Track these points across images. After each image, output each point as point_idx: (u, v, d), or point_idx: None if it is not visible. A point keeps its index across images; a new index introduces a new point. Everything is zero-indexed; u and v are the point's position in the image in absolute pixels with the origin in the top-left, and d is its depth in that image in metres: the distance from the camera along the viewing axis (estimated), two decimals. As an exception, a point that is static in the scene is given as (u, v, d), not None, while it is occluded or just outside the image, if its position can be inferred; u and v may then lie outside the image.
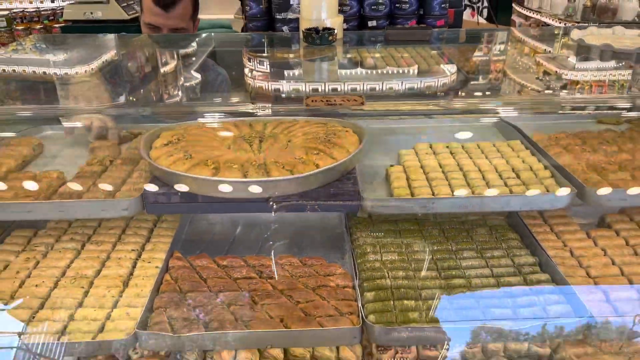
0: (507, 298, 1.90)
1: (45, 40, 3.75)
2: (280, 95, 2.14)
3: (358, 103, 1.68)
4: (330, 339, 1.77)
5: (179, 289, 1.96)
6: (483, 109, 2.25)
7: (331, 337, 1.76)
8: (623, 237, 2.23)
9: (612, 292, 1.90)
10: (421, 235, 2.30)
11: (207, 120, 2.17)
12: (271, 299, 1.90)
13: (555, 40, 3.07)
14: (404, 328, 1.75)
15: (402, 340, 1.76)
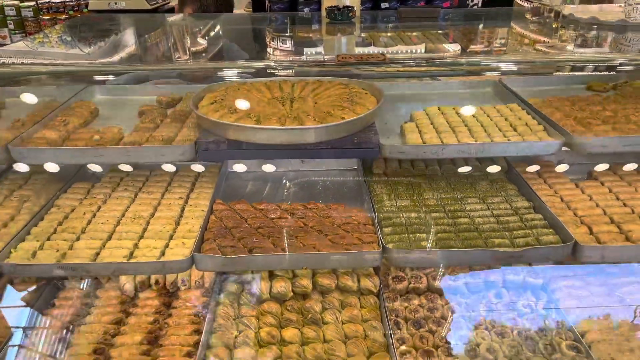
0: (506, 231, 2.22)
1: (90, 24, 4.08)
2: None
3: (381, 59, 2.00)
4: (356, 261, 2.09)
5: (224, 225, 2.29)
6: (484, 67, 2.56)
7: (357, 260, 2.08)
8: (607, 187, 2.56)
9: (594, 225, 2.22)
10: (430, 187, 2.63)
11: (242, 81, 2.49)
12: (303, 232, 2.23)
13: (549, 17, 3.37)
14: (418, 250, 2.07)
15: (416, 261, 2.08)
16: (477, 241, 2.15)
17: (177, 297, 2.43)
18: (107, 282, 2.52)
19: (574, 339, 2.13)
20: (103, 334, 2.20)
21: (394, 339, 2.16)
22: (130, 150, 2.15)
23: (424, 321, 2.24)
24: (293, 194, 2.72)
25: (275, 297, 2.38)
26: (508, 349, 2.09)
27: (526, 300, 2.33)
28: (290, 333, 2.19)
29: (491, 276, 2.42)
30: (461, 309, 2.32)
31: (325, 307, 2.34)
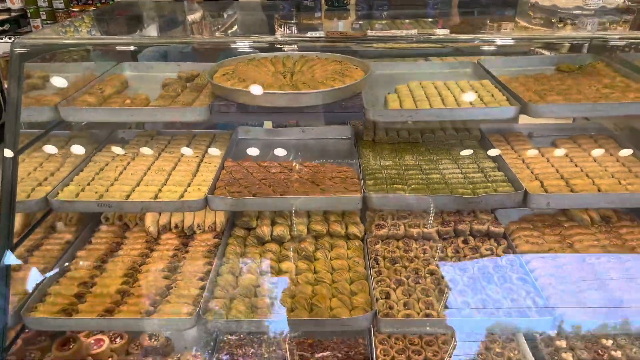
0: (469, 184, 2.62)
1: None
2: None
3: (362, 35, 2.43)
4: (340, 203, 2.51)
5: (233, 177, 2.73)
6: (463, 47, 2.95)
7: (342, 202, 2.51)
8: (565, 152, 2.94)
9: (546, 180, 2.61)
10: (411, 151, 3.04)
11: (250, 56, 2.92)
12: (299, 183, 2.66)
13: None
14: (393, 195, 2.48)
15: (390, 203, 2.50)
16: (444, 191, 2.56)
17: (193, 238, 2.88)
18: (135, 227, 2.98)
19: (524, 272, 2.53)
20: (132, 263, 2.65)
21: (372, 271, 2.58)
22: (157, 110, 2.60)
23: (399, 259, 2.66)
24: (293, 157, 3.14)
25: (275, 240, 2.82)
26: (468, 280, 2.49)
27: (488, 245, 2.73)
28: (286, 265, 2.62)
29: (459, 225, 2.82)
30: (432, 251, 2.73)
31: (317, 248, 2.77)
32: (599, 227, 2.87)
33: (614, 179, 2.61)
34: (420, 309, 2.34)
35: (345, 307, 2.35)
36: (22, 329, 2.47)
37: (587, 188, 2.52)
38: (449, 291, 2.43)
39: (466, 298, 2.38)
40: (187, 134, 3.29)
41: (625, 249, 2.67)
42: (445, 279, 2.50)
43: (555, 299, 2.35)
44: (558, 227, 2.88)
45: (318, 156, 3.08)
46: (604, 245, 2.69)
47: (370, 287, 2.47)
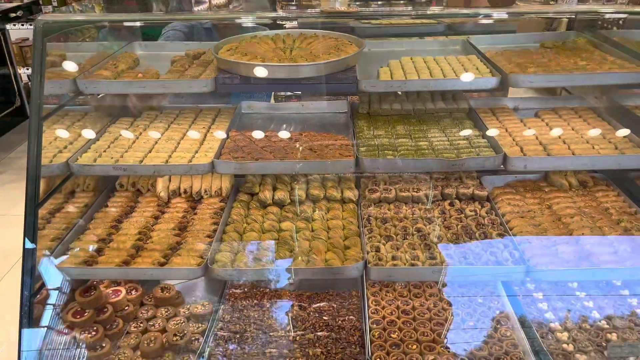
0: (454, 149, 2.85)
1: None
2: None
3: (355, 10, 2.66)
4: (336, 166, 2.74)
5: (237, 145, 2.97)
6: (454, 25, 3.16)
7: (337, 166, 2.73)
8: (546, 122, 3.15)
9: (525, 146, 2.82)
10: (403, 122, 3.26)
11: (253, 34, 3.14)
12: (296, 150, 2.89)
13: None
14: (382, 159, 2.71)
15: (380, 167, 2.72)
16: (430, 155, 2.78)
17: (200, 202, 3.12)
18: (147, 192, 3.23)
19: (503, 230, 2.75)
20: (145, 223, 2.90)
21: (365, 229, 2.81)
22: (166, 82, 2.84)
23: (390, 219, 2.89)
24: (293, 129, 3.36)
25: (276, 203, 3.05)
26: (451, 236, 2.72)
27: (473, 207, 2.95)
28: (286, 224, 2.86)
29: (446, 189, 3.04)
30: (421, 212, 2.96)
31: (314, 210, 3.00)
32: (577, 191, 3.08)
33: (589, 144, 2.82)
34: (407, 259, 2.57)
35: (339, 258, 2.58)
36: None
37: (563, 152, 2.74)
38: (434, 246, 2.66)
39: (449, 251, 2.61)
40: (195, 109, 3.52)
41: (599, 210, 2.88)
42: (431, 236, 2.73)
43: (530, 252, 2.58)
44: (539, 191, 3.10)
45: (316, 128, 3.30)
46: (579, 207, 2.91)
47: (362, 242, 2.70)
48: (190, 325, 2.62)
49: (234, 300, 2.82)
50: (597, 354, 2.38)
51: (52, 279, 2.66)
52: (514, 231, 2.73)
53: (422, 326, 2.58)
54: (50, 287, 2.65)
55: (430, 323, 2.59)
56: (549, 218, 2.83)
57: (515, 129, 3.05)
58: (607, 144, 2.81)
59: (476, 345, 2.45)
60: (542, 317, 2.62)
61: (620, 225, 2.75)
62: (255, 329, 2.61)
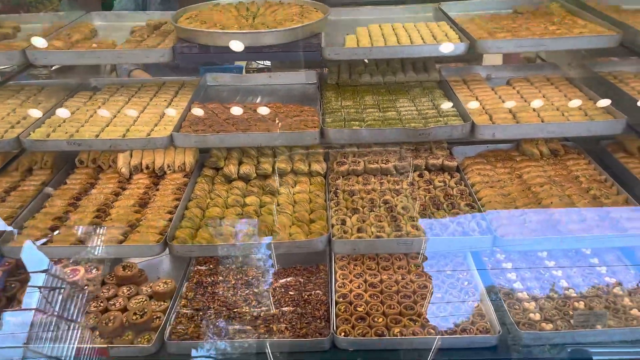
0: (422, 119, 2.77)
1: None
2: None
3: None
4: (300, 138, 2.65)
5: (198, 117, 2.86)
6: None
7: (301, 137, 2.64)
8: (517, 90, 3.08)
9: (494, 114, 2.76)
10: (372, 93, 3.17)
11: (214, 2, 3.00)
12: (261, 121, 2.79)
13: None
14: (348, 129, 2.63)
15: (346, 137, 2.64)
16: (397, 125, 2.70)
17: (164, 178, 3.02)
18: (108, 169, 3.12)
19: (472, 200, 2.70)
20: (104, 200, 2.80)
21: (331, 202, 2.74)
22: (122, 52, 2.71)
23: (358, 192, 2.82)
24: (260, 101, 3.25)
25: (242, 178, 2.97)
26: (419, 207, 2.66)
27: (442, 177, 2.89)
28: (251, 199, 2.78)
29: (417, 160, 2.98)
30: (389, 184, 2.89)
31: (281, 184, 2.92)
32: (548, 160, 3.04)
33: (558, 111, 2.76)
34: (372, 232, 2.51)
35: (304, 233, 2.52)
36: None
37: (532, 120, 2.68)
38: (401, 217, 2.60)
39: (415, 223, 2.55)
40: (157, 82, 3.39)
41: (569, 178, 2.84)
42: (398, 208, 2.67)
43: (498, 222, 2.53)
44: (510, 161, 3.05)
45: (283, 99, 3.20)
46: (549, 176, 2.87)
47: (327, 216, 2.63)
48: (153, 303, 2.55)
49: (199, 277, 2.75)
50: (564, 322, 2.36)
51: (8, 262, 2.57)
52: (483, 201, 2.68)
53: (389, 299, 2.53)
54: (6, 270, 2.55)
55: (398, 296, 2.54)
56: (519, 187, 2.79)
57: (486, 98, 2.97)
58: (577, 111, 2.75)
59: (443, 317, 2.41)
60: (510, 287, 2.59)
61: (589, 193, 2.71)
62: (219, 305, 2.54)
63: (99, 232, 2.56)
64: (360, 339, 2.30)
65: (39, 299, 2.42)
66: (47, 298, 2.41)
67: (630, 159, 3.00)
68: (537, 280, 2.64)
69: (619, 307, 2.42)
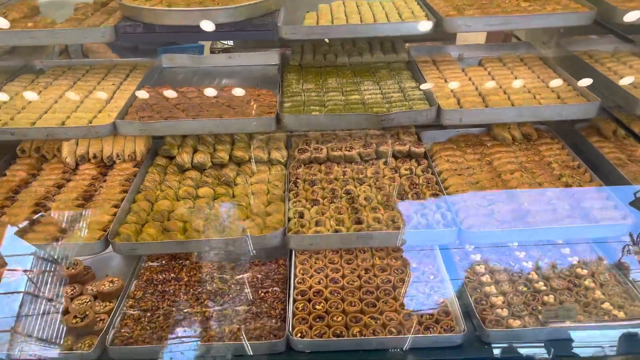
0: (387, 103, 2.60)
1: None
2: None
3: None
4: (253, 125, 2.46)
5: (146, 102, 2.65)
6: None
7: (254, 125, 2.45)
8: (488, 71, 2.92)
9: (463, 97, 2.59)
10: (336, 75, 2.97)
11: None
12: (214, 107, 2.59)
13: None
14: (305, 115, 2.44)
15: (303, 124, 2.46)
16: (359, 110, 2.52)
17: (113, 168, 2.82)
18: (53, 158, 2.90)
19: (439, 189, 2.55)
20: (45, 193, 2.59)
21: (290, 193, 2.57)
22: (58, 32, 2.48)
23: (319, 181, 2.65)
24: (217, 84, 3.04)
25: (196, 167, 2.77)
26: (382, 198, 2.50)
27: (408, 165, 2.73)
28: (204, 191, 2.59)
29: (381, 147, 2.81)
30: (353, 172, 2.73)
31: (238, 174, 2.74)
32: (520, 144, 2.89)
33: (530, 94, 2.60)
34: (332, 225, 2.35)
35: (258, 227, 2.35)
36: None
37: (501, 103, 2.52)
38: (363, 209, 2.44)
39: (377, 214, 2.40)
40: (107, 64, 3.16)
41: (541, 165, 2.70)
42: (360, 199, 2.51)
43: (465, 212, 2.39)
44: (481, 146, 2.90)
45: (242, 82, 2.99)
46: (521, 162, 2.72)
47: (285, 208, 2.46)
48: (97, 304, 2.37)
49: (150, 274, 2.57)
50: (532, 318, 2.24)
51: None
52: (450, 190, 2.53)
53: (350, 295, 2.39)
54: None
55: (359, 292, 2.40)
56: (488, 175, 2.64)
57: (455, 80, 2.80)
58: (549, 94, 2.60)
59: (406, 315, 2.28)
60: (478, 280, 2.47)
61: (561, 180, 2.57)
62: (169, 305, 2.38)
63: (36, 229, 2.37)
64: (316, 341, 2.15)
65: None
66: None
67: (605, 142, 2.88)
68: (506, 272, 2.51)
69: (590, 301, 2.31)
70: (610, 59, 2.98)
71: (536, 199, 2.44)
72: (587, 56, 3.05)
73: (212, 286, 2.48)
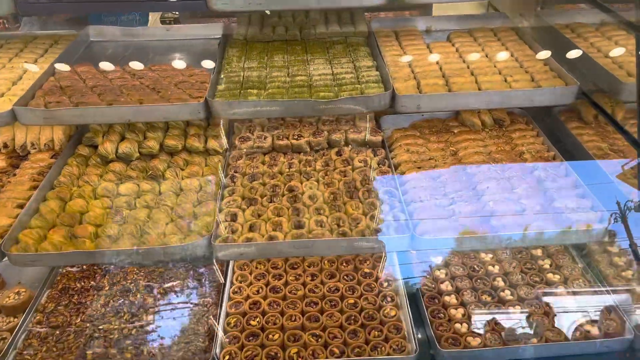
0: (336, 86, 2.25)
1: None
2: None
3: None
4: (177, 113, 2.11)
5: (58, 84, 2.28)
6: None
7: (178, 112, 2.11)
8: (456, 48, 2.57)
9: (424, 79, 2.26)
10: (284, 51, 2.61)
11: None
12: (135, 90, 2.23)
13: None
14: (238, 102, 2.10)
15: (235, 111, 2.11)
16: (303, 95, 2.18)
17: (27, 159, 2.46)
18: (-42, 149, 2.54)
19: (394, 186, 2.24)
20: (-60, 191, 2.25)
21: (226, 190, 2.25)
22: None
23: (261, 175, 2.32)
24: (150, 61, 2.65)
25: (121, 158, 2.43)
26: (329, 196, 2.19)
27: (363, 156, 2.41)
28: (126, 187, 2.26)
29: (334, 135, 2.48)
30: (300, 165, 2.40)
31: (169, 166, 2.40)
32: (490, 131, 2.58)
33: (500, 76, 2.27)
34: (267, 230, 2.04)
35: (182, 233, 2.03)
36: None
37: (466, 87, 2.19)
38: (306, 209, 2.13)
39: (321, 216, 2.09)
40: (24, 37, 2.77)
41: (512, 155, 2.39)
42: (304, 197, 2.19)
43: (422, 213, 2.08)
44: (446, 133, 2.57)
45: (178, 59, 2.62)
46: (489, 153, 2.41)
47: (216, 209, 2.14)
48: (0, 319, 2.07)
49: (66, 282, 2.27)
50: (494, 335, 1.97)
51: None
52: (407, 187, 2.22)
53: (291, 307, 2.11)
54: None
55: (302, 303, 2.12)
56: (452, 169, 2.33)
57: (418, 58, 2.46)
58: (523, 75, 2.27)
59: (352, 332, 2.00)
60: (436, 288, 2.19)
61: (533, 174, 2.27)
62: (83, 321, 2.08)
63: None
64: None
65: None
66: None
67: (586, 129, 2.57)
68: (470, 279, 2.24)
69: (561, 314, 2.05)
70: (595, 34, 2.66)
71: (503, 197, 2.14)
72: (569, 30, 2.72)
73: (135, 297, 2.18)
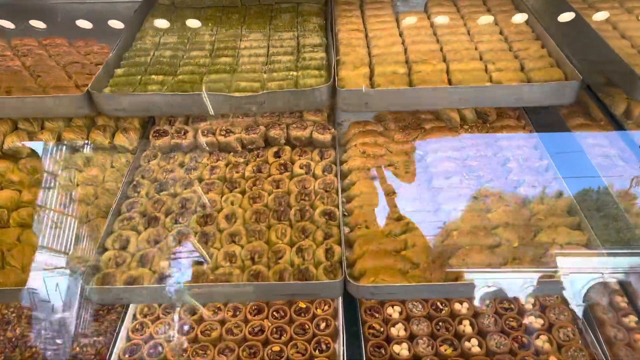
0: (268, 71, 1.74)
1: None
2: None
3: None
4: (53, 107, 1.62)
5: None
6: None
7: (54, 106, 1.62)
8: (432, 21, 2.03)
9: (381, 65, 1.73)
10: (218, 22, 2.09)
11: None
12: (9, 73, 1.75)
13: None
14: (129, 97, 1.60)
15: (126, 107, 1.62)
16: (217, 85, 1.68)
17: None
18: None
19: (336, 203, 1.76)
20: None
21: (125, 204, 1.78)
22: None
23: (171, 184, 1.85)
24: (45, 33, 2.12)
25: (8, 155, 1.96)
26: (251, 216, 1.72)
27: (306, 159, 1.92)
28: (4, 195, 1.81)
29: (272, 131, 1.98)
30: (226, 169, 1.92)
31: (66, 167, 1.93)
32: (471, 128, 2.06)
33: (481, 62, 1.74)
34: (161, 267, 1.59)
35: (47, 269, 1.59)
36: None
37: (432, 77, 1.66)
38: (218, 235, 1.67)
39: (235, 246, 1.62)
40: None
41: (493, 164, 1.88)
42: (220, 216, 1.72)
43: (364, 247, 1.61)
44: (416, 130, 2.06)
45: (81, 31, 2.10)
46: (465, 159, 1.90)
47: (103, 232, 1.68)
48: None
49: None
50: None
51: None
52: (353, 206, 1.74)
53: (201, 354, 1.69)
54: None
55: (215, 350, 1.69)
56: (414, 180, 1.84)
57: (380, 34, 1.93)
58: (509, 61, 1.74)
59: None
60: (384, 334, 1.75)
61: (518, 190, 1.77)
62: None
63: None
64: None
65: None
66: None
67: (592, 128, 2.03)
68: (428, 320, 1.79)
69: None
70: (612, 4, 2.08)
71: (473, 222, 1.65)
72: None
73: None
